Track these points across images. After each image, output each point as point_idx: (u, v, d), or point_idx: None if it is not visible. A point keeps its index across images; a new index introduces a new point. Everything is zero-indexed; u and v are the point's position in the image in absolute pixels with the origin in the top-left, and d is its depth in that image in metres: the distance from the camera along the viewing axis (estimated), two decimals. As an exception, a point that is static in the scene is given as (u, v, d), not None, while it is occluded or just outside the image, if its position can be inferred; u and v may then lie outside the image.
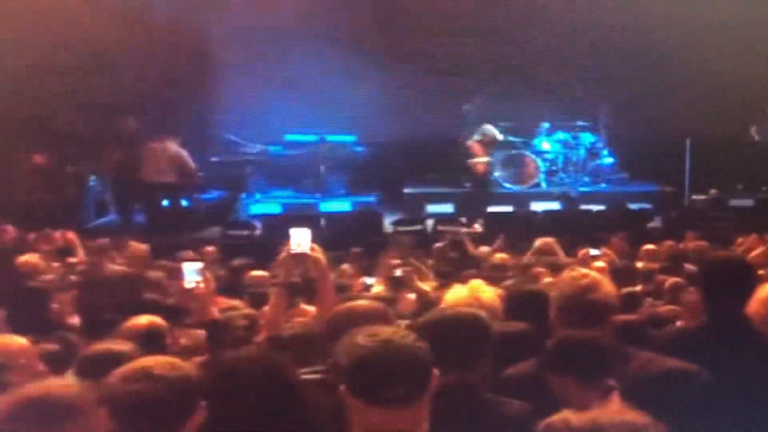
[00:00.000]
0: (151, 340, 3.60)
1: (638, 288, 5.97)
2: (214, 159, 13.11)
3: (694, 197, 12.76)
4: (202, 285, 3.93)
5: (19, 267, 5.62)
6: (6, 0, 11.49)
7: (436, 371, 2.11)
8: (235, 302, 5.29)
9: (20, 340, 3.10)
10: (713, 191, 12.71)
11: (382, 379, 2.01)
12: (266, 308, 5.38)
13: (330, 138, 13.59)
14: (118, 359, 2.72)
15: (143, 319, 3.84)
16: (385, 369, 2.02)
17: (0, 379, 2.78)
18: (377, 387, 2.01)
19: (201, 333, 3.97)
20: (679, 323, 4.54)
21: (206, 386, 2.31)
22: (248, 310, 4.91)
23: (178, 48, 12.83)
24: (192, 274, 3.96)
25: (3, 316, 4.03)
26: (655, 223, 11.72)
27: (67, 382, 2.61)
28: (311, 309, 5.59)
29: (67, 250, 7.20)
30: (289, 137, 13.44)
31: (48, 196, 11.30)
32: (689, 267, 6.92)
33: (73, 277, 6.08)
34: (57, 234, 7.65)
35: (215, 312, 4.08)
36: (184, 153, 11.60)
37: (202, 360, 3.43)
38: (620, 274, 5.71)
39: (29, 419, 2.12)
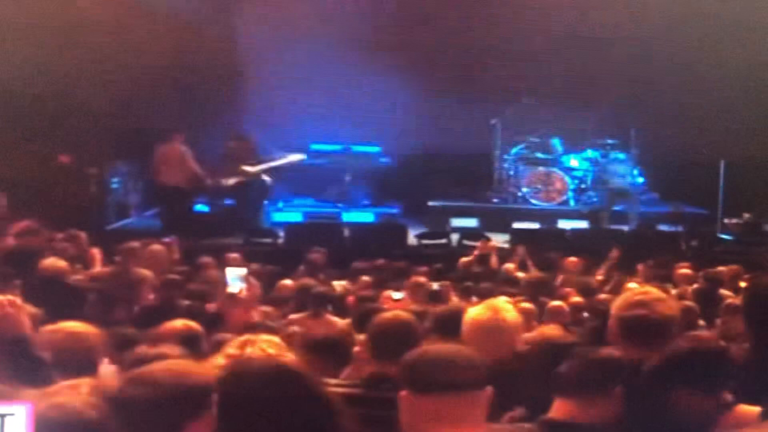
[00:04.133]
0: (187, 344, 3.73)
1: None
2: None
3: (727, 221, 12.75)
4: (245, 291, 4.06)
5: (45, 270, 5.73)
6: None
7: (490, 388, 2.35)
8: (267, 309, 5.42)
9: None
10: (747, 215, 12.70)
11: (442, 372, 2.32)
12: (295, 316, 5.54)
13: (355, 148, 13.75)
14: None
15: (179, 323, 3.98)
16: (445, 365, 2.34)
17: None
18: (438, 379, 2.30)
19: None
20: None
21: (221, 392, 2.27)
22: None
23: (206, 56, 13.06)
24: (235, 279, 4.09)
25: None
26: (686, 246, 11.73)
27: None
28: (337, 320, 5.74)
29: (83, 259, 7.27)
30: (314, 146, 13.59)
31: (71, 196, 11.50)
32: (724, 292, 7.00)
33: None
34: (83, 235, 7.77)
35: (255, 317, 4.21)
36: (189, 153, 11.72)
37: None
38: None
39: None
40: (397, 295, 7.01)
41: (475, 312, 3.60)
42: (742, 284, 7.59)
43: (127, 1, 12.66)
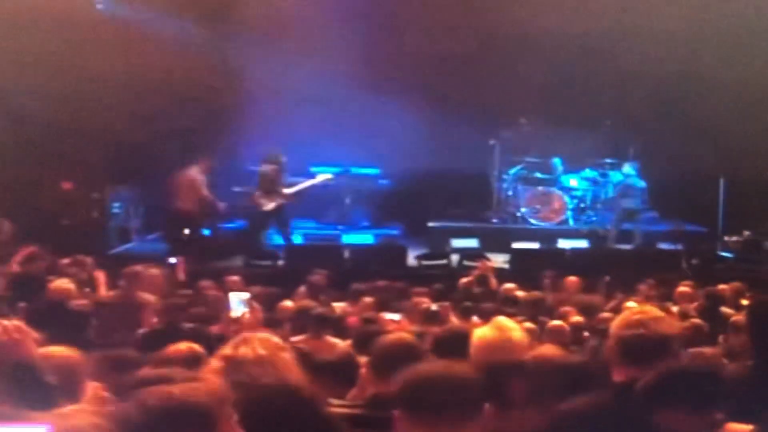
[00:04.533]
0: (191, 366, 3.77)
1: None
2: (237, 189, 13.37)
3: (727, 238, 12.78)
4: (248, 315, 4.10)
5: (52, 292, 5.78)
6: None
7: (488, 406, 2.34)
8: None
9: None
10: (747, 233, 12.73)
11: (436, 391, 2.31)
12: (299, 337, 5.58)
13: (354, 170, 13.83)
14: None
15: (183, 346, 4.02)
16: (440, 383, 2.33)
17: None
18: (432, 398, 2.29)
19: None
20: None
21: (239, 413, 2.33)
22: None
23: (206, 82, 13.19)
24: (238, 303, 4.14)
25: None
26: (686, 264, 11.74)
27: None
28: (336, 341, 5.79)
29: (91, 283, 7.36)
30: (314, 169, 13.68)
31: (73, 221, 11.57)
32: (726, 310, 7.02)
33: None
34: (89, 260, 7.83)
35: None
36: (200, 180, 11.84)
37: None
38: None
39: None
40: (394, 316, 7.06)
41: (482, 332, 3.64)
42: (744, 302, 7.63)
43: (129, 25, 12.81)
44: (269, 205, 12.00)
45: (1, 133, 11.92)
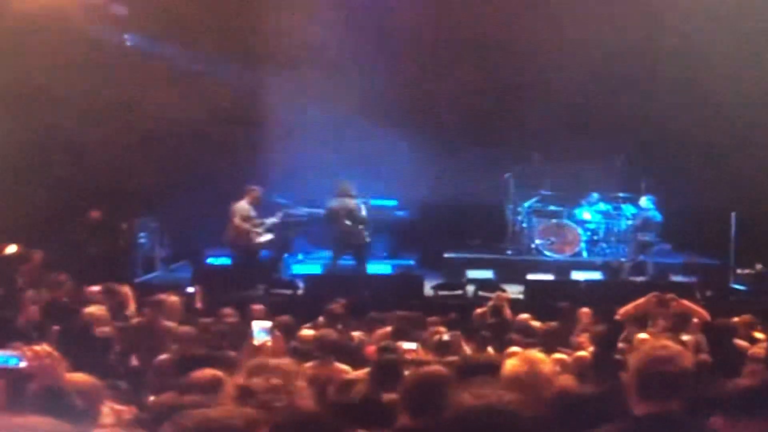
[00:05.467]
0: (213, 392, 3.86)
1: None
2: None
3: (740, 271, 12.74)
4: (270, 343, 4.17)
5: (85, 317, 5.91)
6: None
7: None
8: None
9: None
10: (759, 266, 12.68)
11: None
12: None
13: (373, 202, 13.93)
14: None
15: (206, 372, 4.11)
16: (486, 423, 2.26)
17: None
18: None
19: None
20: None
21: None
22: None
23: (225, 112, 13.43)
24: (261, 332, 4.21)
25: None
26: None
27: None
28: (345, 367, 5.84)
29: (121, 303, 7.52)
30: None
31: (101, 250, 11.74)
32: (739, 342, 7.00)
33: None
34: (120, 288, 8.00)
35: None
36: (239, 210, 11.95)
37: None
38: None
39: None
40: (411, 345, 7.10)
41: (512, 364, 3.68)
42: (757, 334, 7.62)
43: (156, 60, 13.09)
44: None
45: (30, 162, 12.19)
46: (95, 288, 7.93)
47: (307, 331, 7.27)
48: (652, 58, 13.57)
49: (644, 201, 13.08)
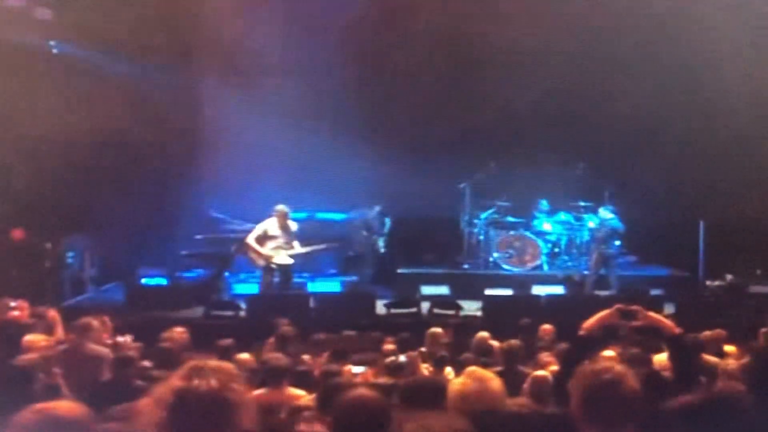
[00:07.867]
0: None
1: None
2: (198, 237, 13.33)
3: (709, 283, 12.87)
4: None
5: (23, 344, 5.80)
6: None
7: None
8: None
9: None
10: (729, 277, 12.83)
11: None
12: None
13: (320, 215, 13.83)
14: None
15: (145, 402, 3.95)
16: None
17: None
18: None
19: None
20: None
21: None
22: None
23: (166, 125, 13.24)
24: None
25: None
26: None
27: None
28: (299, 392, 5.76)
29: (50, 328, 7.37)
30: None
31: (25, 272, 11.46)
32: (708, 358, 7.05)
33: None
34: (49, 311, 7.85)
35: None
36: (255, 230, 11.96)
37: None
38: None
39: None
40: (357, 369, 7.01)
41: (460, 382, 3.68)
42: (727, 348, 7.69)
43: (86, 69, 12.86)
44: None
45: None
46: (16, 313, 7.73)
47: (243, 355, 7.15)
48: (614, 63, 13.72)
49: (603, 211, 13.13)
